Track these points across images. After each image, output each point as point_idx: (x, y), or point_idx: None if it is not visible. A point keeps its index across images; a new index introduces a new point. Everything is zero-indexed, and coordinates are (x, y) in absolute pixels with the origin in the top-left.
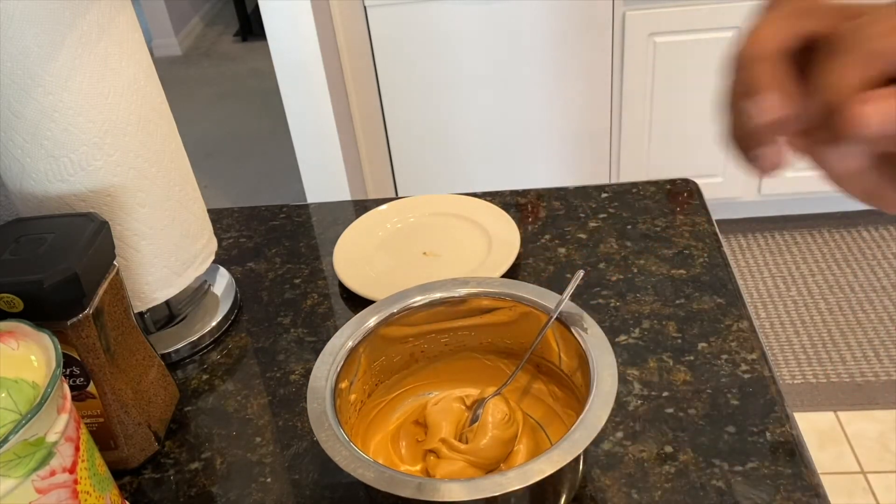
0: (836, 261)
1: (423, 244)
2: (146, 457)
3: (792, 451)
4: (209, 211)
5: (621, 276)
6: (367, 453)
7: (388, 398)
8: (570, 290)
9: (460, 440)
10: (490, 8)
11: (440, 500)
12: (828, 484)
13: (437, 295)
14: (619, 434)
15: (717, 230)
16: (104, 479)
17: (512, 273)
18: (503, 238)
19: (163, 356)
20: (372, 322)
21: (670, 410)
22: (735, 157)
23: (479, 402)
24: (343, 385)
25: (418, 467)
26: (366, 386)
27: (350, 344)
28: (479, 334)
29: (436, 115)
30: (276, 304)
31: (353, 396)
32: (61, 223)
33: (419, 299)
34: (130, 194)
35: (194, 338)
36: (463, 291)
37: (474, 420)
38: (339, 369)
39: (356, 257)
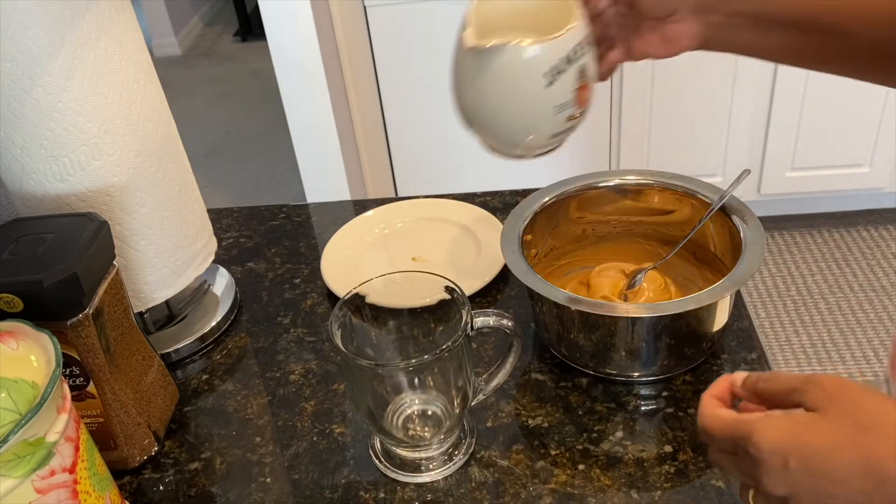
0: (835, 261)
1: (411, 249)
2: (146, 457)
3: None
4: (209, 211)
5: None
6: None
7: (558, 263)
8: (734, 185)
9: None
10: None
11: (623, 315)
12: None
13: (616, 181)
14: (619, 434)
15: None
16: (104, 479)
17: (501, 278)
18: (492, 242)
19: (163, 356)
20: (560, 190)
21: (670, 410)
22: None
23: (638, 272)
24: (528, 237)
25: None
26: (543, 247)
27: (544, 199)
28: (645, 225)
29: (436, 115)
30: (275, 304)
31: (532, 251)
32: (61, 223)
33: (601, 182)
34: (130, 194)
35: (194, 338)
36: (638, 180)
37: (633, 286)
38: (527, 222)
39: (345, 263)
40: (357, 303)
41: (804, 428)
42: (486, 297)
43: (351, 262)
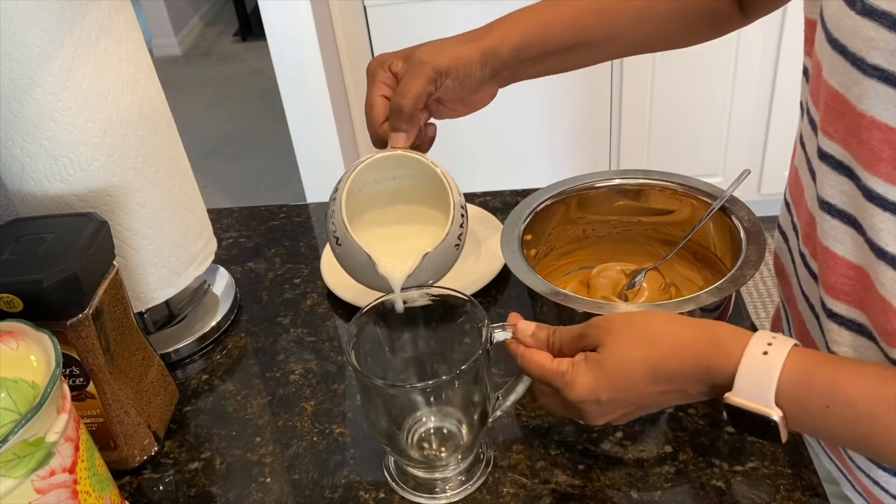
0: None
1: None
2: (146, 457)
3: (792, 451)
4: (209, 211)
5: None
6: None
7: (558, 263)
8: (734, 185)
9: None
10: (490, 7)
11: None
12: None
13: (616, 181)
14: (619, 434)
15: None
16: (104, 479)
17: (501, 278)
18: (492, 242)
19: (163, 356)
20: (560, 190)
21: (670, 410)
22: None
23: (638, 272)
24: (528, 237)
25: None
26: (543, 247)
27: (544, 198)
28: (645, 225)
29: None
30: (275, 304)
31: (532, 251)
32: (61, 223)
33: (601, 182)
34: (130, 194)
35: (194, 338)
36: (638, 180)
37: (633, 286)
38: (527, 222)
39: None
40: (371, 316)
41: (599, 363)
42: (486, 297)
43: None
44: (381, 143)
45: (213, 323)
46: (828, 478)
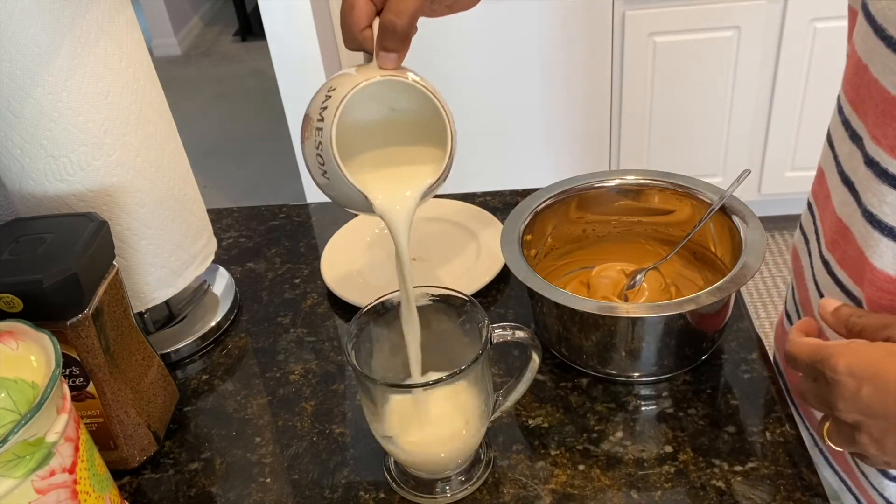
0: None
1: (411, 249)
2: (146, 457)
3: (792, 451)
4: (209, 211)
5: None
6: None
7: (558, 263)
8: (734, 185)
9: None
10: (490, 7)
11: (623, 315)
12: None
13: (616, 181)
14: (619, 434)
15: None
16: (104, 480)
17: (501, 278)
18: (492, 242)
19: (163, 356)
20: (560, 190)
21: (670, 410)
22: None
23: (638, 272)
24: (528, 237)
25: None
26: (543, 247)
27: (544, 198)
28: (645, 225)
29: None
30: (275, 304)
31: (532, 251)
32: (60, 223)
33: (601, 182)
34: (130, 194)
35: (194, 338)
36: (638, 180)
37: (633, 286)
38: (527, 222)
39: (345, 263)
40: (371, 316)
41: (884, 356)
42: (486, 296)
43: (351, 262)
44: (357, 48)
45: (213, 323)
46: (831, 493)
